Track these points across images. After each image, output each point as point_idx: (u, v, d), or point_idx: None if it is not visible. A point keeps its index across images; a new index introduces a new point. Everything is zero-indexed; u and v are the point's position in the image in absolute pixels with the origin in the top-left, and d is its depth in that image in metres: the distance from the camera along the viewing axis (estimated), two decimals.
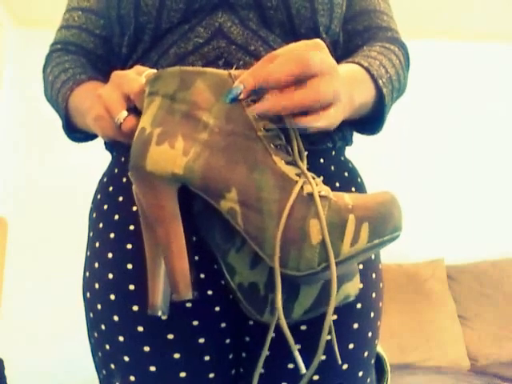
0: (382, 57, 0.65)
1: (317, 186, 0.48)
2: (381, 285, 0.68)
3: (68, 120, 0.68)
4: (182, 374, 0.60)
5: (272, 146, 0.48)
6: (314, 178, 0.49)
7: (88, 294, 0.64)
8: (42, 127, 2.52)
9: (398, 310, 2.35)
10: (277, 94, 0.47)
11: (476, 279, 2.55)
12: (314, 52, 0.48)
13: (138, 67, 0.57)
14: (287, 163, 0.49)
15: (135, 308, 0.60)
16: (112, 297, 0.61)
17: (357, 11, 0.72)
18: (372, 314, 0.65)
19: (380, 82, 0.62)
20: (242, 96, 0.47)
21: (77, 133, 0.70)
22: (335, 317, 0.62)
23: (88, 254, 0.66)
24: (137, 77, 0.54)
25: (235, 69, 0.53)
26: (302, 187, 0.47)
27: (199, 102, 0.48)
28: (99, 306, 0.62)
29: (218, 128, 0.48)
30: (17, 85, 2.59)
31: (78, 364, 2.30)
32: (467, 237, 2.75)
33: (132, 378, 0.61)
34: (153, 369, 0.60)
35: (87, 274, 0.65)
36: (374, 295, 0.65)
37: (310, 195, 0.47)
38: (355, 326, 0.63)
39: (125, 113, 0.53)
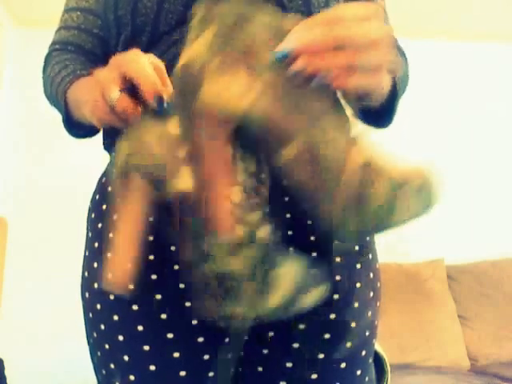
0: None
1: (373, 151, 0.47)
2: (378, 284, 0.68)
3: (68, 115, 0.68)
4: (182, 373, 0.61)
5: (332, 100, 0.46)
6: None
7: (87, 294, 0.65)
8: (42, 127, 2.52)
9: (398, 310, 2.35)
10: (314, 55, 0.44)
11: (476, 279, 2.55)
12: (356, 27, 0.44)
13: (136, 50, 0.53)
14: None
15: (135, 307, 0.60)
16: (111, 296, 0.61)
17: None
18: (370, 314, 0.65)
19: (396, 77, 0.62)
20: (287, 61, 0.44)
21: (78, 129, 0.69)
22: (333, 315, 0.62)
23: (87, 253, 0.67)
24: (137, 56, 0.50)
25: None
26: (359, 151, 0.46)
27: (259, 39, 0.44)
28: (98, 306, 0.62)
29: (278, 71, 0.44)
30: (17, 85, 2.60)
31: (78, 364, 2.30)
32: (467, 237, 2.75)
33: (132, 378, 0.61)
34: (153, 368, 0.60)
35: (86, 274, 0.65)
36: (371, 294, 0.66)
37: (369, 161, 0.46)
38: (353, 324, 0.63)
39: (117, 92, 0.49)
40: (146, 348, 0.60)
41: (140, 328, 0.60)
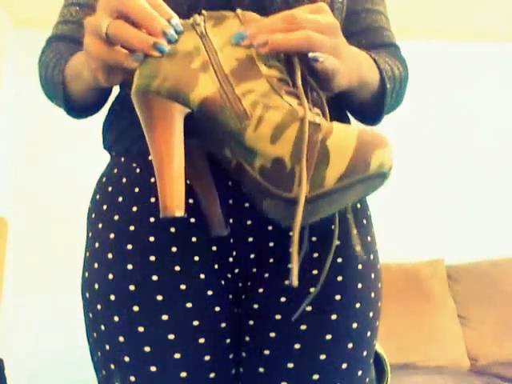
0: (387, 59, 0.69)
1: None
2: (379, 285, 0.68)
3: (67, 94, 0.66)
4: (183, 374, 0.60)
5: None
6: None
7: (87, 295, 0.64)
8: (42, 127, 2.52)
9: (398, 310, 2.35)
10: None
11: (476, 279, 2.55)
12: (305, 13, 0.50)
13: None
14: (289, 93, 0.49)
15: (135, 308, 0.60)
16: (112, 297, 0.61)
17: (363, 27, 0.75)
18: (371, 314, 0.65)
19: (384, 73, 0.64)
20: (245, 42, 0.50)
21: (79, 106, 0.68)
22: (335, 316, 0.62)
23: (87, 254, 0.66)
24: None
25: None
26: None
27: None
28: (99, 307, 0.62)
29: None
30: (16, 85, 2.59)
31: (78, 364, 2.30)
32: (467, 237, 2.75)
33: (132, 379, 0.61)
34: (153, 369, 0.60)
35: (86, 274, 0.65)
36: (373, 295, 0.66)
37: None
38: (354, 325, 0.63)
39: (107, 21, 0.46)
40: (147, 349, 0.60)
41: (141, 329, 0.60)
